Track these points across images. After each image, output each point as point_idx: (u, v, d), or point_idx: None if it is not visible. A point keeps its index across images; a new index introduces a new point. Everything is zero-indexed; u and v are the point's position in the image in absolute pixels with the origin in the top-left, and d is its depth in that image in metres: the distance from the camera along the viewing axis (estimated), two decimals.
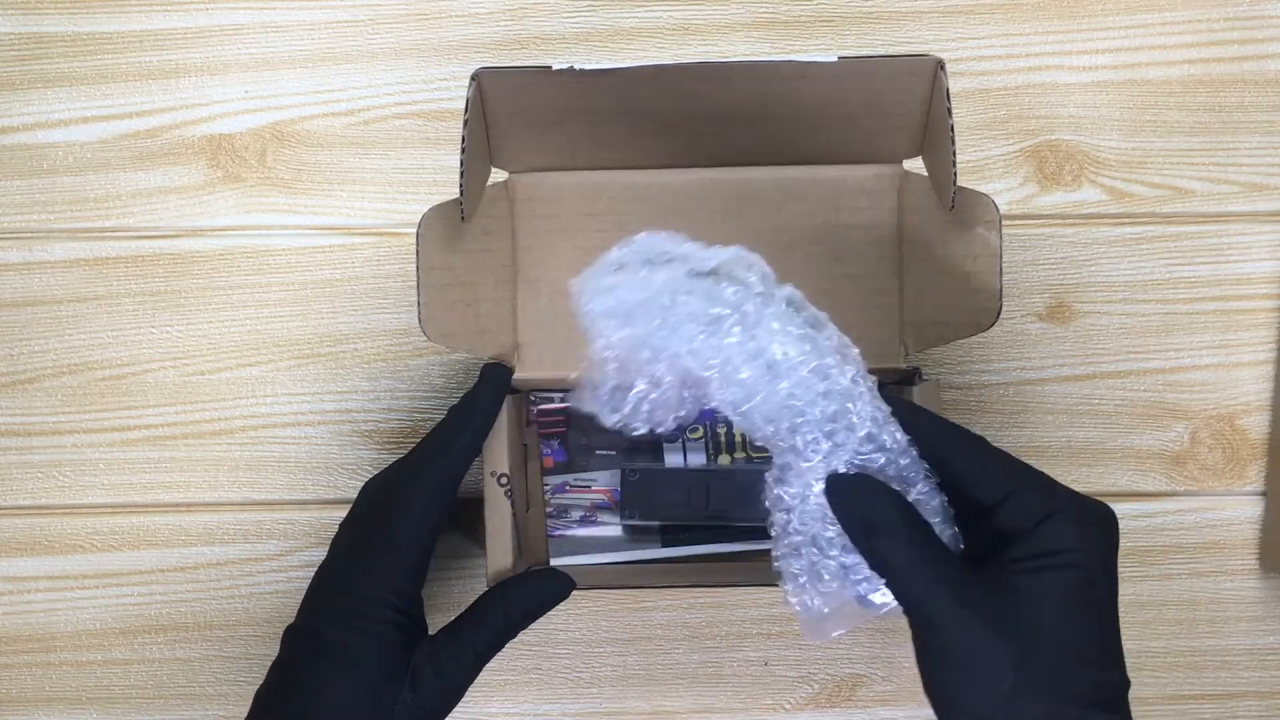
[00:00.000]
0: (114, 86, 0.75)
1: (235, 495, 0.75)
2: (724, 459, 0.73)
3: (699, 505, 0.72)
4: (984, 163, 0.75)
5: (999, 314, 0.61)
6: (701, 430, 0.73)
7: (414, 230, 0.60)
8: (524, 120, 0.64)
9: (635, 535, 0.73)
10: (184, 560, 0.76)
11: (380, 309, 0.75)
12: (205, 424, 0.75)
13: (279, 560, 0.75)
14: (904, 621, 0.75)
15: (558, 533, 0.73)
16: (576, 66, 0.61)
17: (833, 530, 0.53)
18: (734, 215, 0.69)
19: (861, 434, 0.52)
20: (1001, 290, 0.61)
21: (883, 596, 0.53)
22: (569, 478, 0.73)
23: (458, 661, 0.60)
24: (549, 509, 0.73)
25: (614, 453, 0.73)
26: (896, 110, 0.64)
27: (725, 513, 0.72)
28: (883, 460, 0.52)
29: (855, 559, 0.52)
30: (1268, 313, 0.74)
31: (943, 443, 0.53)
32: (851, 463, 0.52)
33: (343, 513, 0.63)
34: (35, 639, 0.76)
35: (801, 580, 0.54)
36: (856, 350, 0.54)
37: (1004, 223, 0.62)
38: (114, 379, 0.75)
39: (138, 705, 0.76)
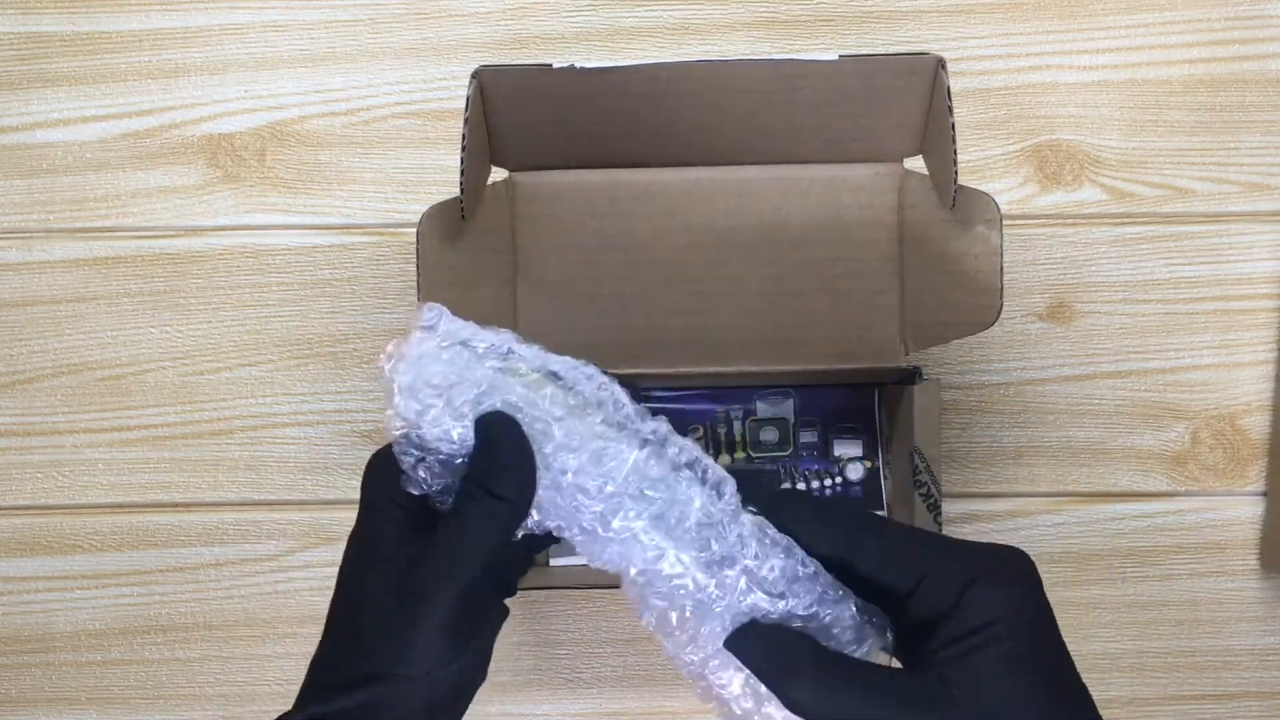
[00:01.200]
0: (114, 86, 0.75)
1: (235, 495, 0.75)
2: (724, 459, 0.73)
3: None
4: (984, 162, 0.75)
5: (999, 313, 0.61)
6: (701, 430, 0.73)
7: (414, 230, 0.60)
8: (525, 118, 0.64)
9: None
10: (183, 560, 0.75)
11: (380, 309, 0.75)
12: (205, 424, 0.75)
13: (278, 560, 0.75)
14: None
15: None
16: (577, 65, 0.61)
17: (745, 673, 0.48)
18: (734, 214, 0.69)
19: (750, 575, 0.47)
20: (1002, 290, 0.61)
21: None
22: None
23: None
24: None
25: None
26: (897, 109, 0.64)
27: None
28: (777, 602, 0.48)
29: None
30: (1268, 313, 0.74)
31: (837, 547, 0.48)
32: (743, 607, 0.47)
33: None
34: (34, 639, 0.76)
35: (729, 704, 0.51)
36: (733, 482, 0.48)
37: (1004, 222, 0.62)
38: (113, 379, 0.75)
39: (136, 705, 0.76)
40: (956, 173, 0.62)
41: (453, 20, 0.75)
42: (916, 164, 0.67)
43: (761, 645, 0.47)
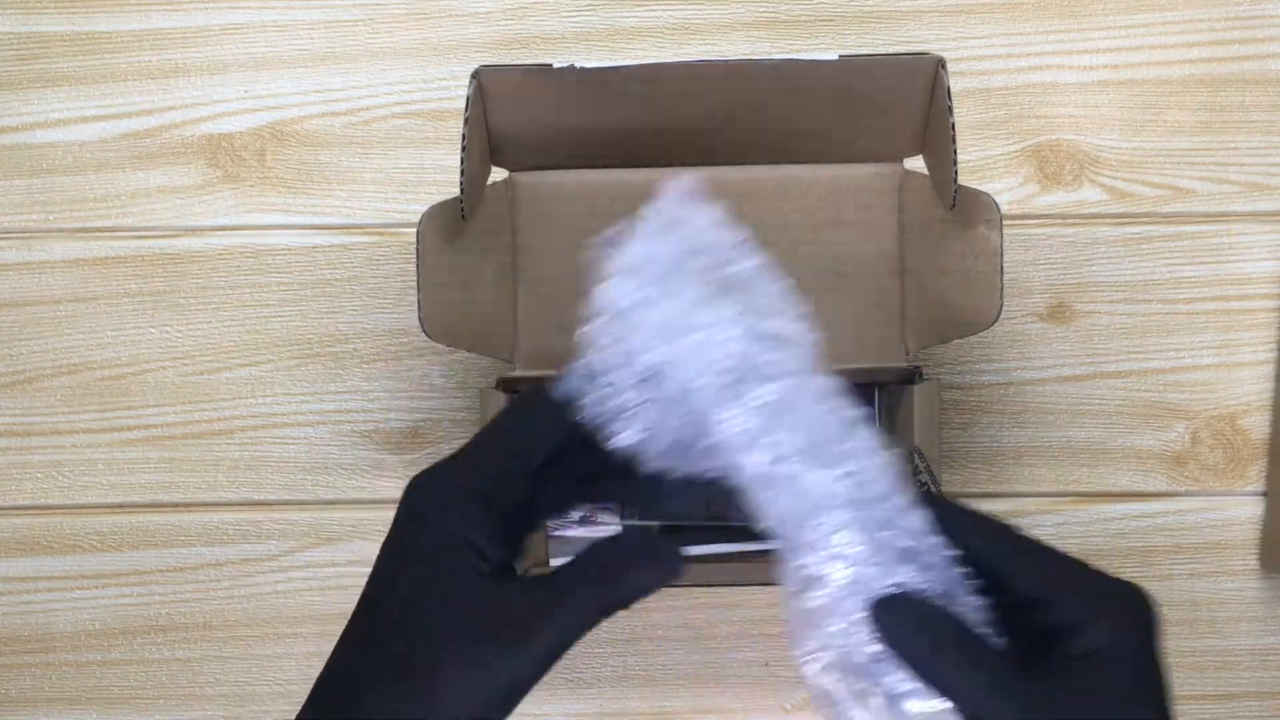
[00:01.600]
0: (113, 86, 0.75)
1: (234, 495, 0.75)
2: None
3: (699, 505, 0.72)
4: (984, 162, 0.75)
5: (999, 313, 0.61)
6: None
7: (414, 229, 0.60)
8: (525, 118, 0.64)
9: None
10: (183, 560, 0.75)
11: (380, 309, 0.75)
12: (204, 424, 0.75)
13: (278, 560, 0.75)
14: None
15: (558, 533, 0.73)
16: (577, 65, 0.61)
17: (875, 649, 0.50)
18: (734, 214, 0.69)
19: (903, 546, 0.47)
20: (1002, 290, 0.61)
21: (921, 705, 0.50)
22: None
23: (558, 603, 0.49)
24: None
25: None
26: (897, 109, 0.64)
27: (725, 513, 0.72)
28: (925, 576, 0.48)
29: (895, 677, 0.50)
30: (1268, 313, 0.74)
31: (989, 549, 0.50)
32: (892, 580, 0.47)
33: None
34: (34, 639, 0.76)
35: (840, 703, 0.51)
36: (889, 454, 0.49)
37: (1004, 222, 0.62)
38: (113, 379, 0.75)
39: (136, 705, 0.76)
40: (956, 173, 0.62)
41: (453, 20, 0.75)
42: (916, 164, 0.67)
43: (913, 618, 0.48)
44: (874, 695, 0.48)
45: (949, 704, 0.47)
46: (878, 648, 0.47)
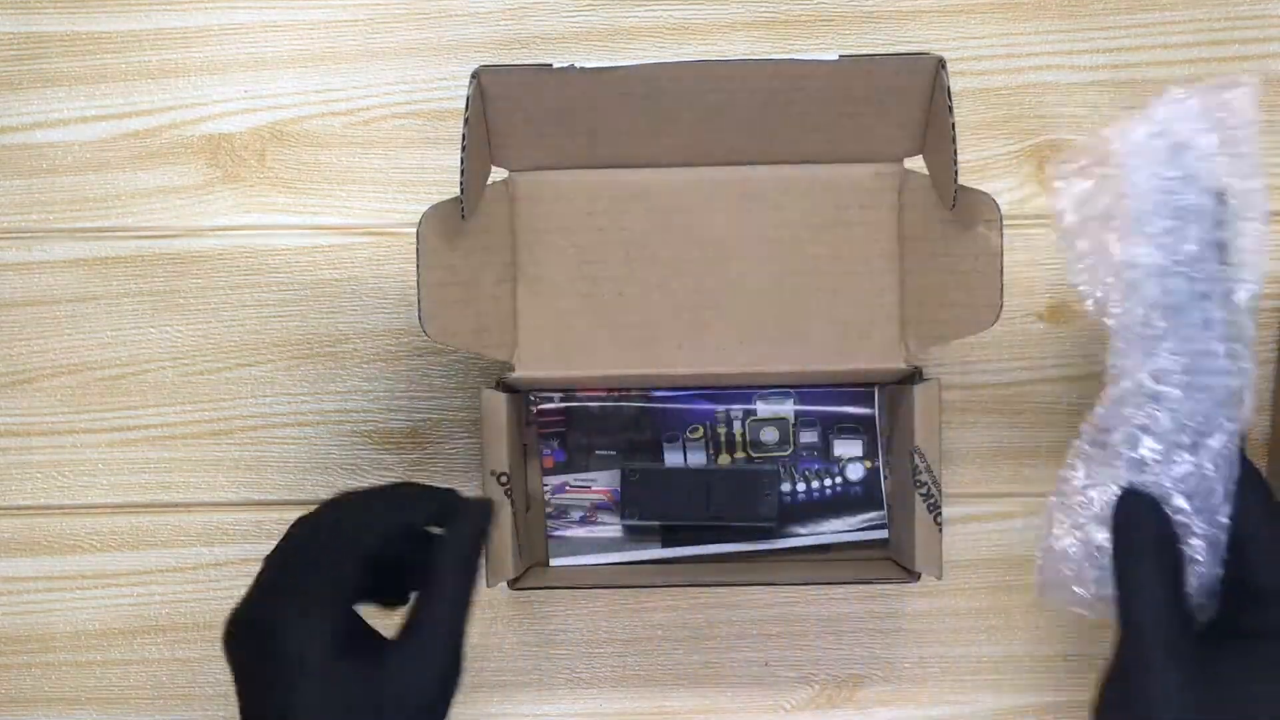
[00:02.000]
0: (113, 86, 0.75)
1: (234, 495, 0.75)
2: (724, 459, 0.73)
3: (699, 505, 0.72)
4: (984, 162, 0.75)
5: (999, 313, 0.61)
6: (701, 430, 0.73)
7: (414, 230, 0.60)
8: (525, 118, 0.64)
9: (635, 535, 0.73)
10: (183, 560, 0.75)
11: (380, 309, 0.75)
12: (204, 424, 0.75)
13: None
14: (904, 623, 0.75)
15: (558, 533, 0.73)
16: (577, 65, 0.61)
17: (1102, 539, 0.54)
18: (734, 214, 0.69)
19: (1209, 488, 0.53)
20: (1002, 290, 0.61)
21: None
22: (569, 478, 0.73)
23: (430, 646, 0.55)
24: (549, 509, 0.73)
25: (614, 453, 0.73)
26: (897, 109, 0.64)
27: (725, 513, 0.72)
28: (1201, 517, 0.53)
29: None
30: (1268, 313, 0.74)
31: (1256, 528, 0.53)
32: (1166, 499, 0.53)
33: None
34: (34, 639, 0.76)
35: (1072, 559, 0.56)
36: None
37: (1004, 222, 0.62)
38: (113, 379, 0.75)
39: (136, 706, 0.76)
40: (957, 173, 0.62)
41: (453, 20, 0.75)
42: (917, 164, 0.67)
43: (1134, 516, 0.53)
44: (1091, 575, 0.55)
45: None
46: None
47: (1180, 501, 0.53)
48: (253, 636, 0.56)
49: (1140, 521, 0.53)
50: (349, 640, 0.54)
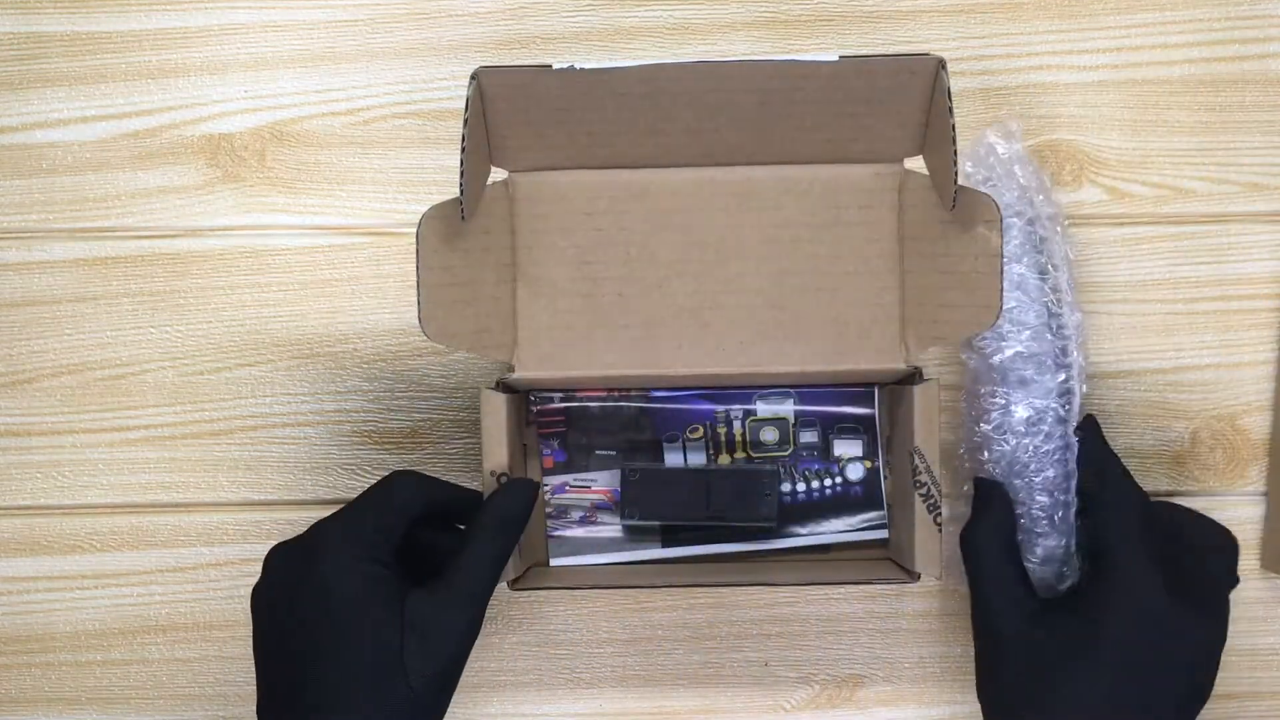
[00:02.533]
0: (114, 86, 0.75)
1: (234, 495, 0.75)
2: (724, 459, 0.73)
3: (699, 505, 0.72)
4: None
5: (999, 315, 0.61)
6: (701, 430, 0.73)
7: (414, 230, 0.60)
8: (524, 119, 0.64)
9: (635, 535, 0.73)
10: (183, 560, 0.75)
11: (380, 309, 0.75)
12: (204, 424, 0.75)
13: None
14: (904, 623, 0.75)
15: (558, 533, 0.73)
16: (577, 65, 0.61)
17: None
18: (734, 214, 0.69)
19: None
20: (1002, 290, 0.61)
21: None
22: (569, 478, 0.73)
23: (456, 598, 0.60)
24: (549, 509, 0.73)
25: (614, 453, 0.73)
26: (897, 109, 0.64)
27: (725, 513, 0.72)
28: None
29: None
30: (1268, 313, 0.74)
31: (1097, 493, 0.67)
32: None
33: None
34: (34, 639, 0.76)
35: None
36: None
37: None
38: (113, 379, 0.75)
39: (137, 706, 0.76)
40: (956, 174, 0.62)
41: (453, 20, 0.75)
42: (917, 164, 0.67)
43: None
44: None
45: None
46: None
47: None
48: (294, 555, 0.61)
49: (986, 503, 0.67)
50: (381, 581, 0.59)
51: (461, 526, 0.65)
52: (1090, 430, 0.67)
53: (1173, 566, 0.62)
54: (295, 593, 0.60)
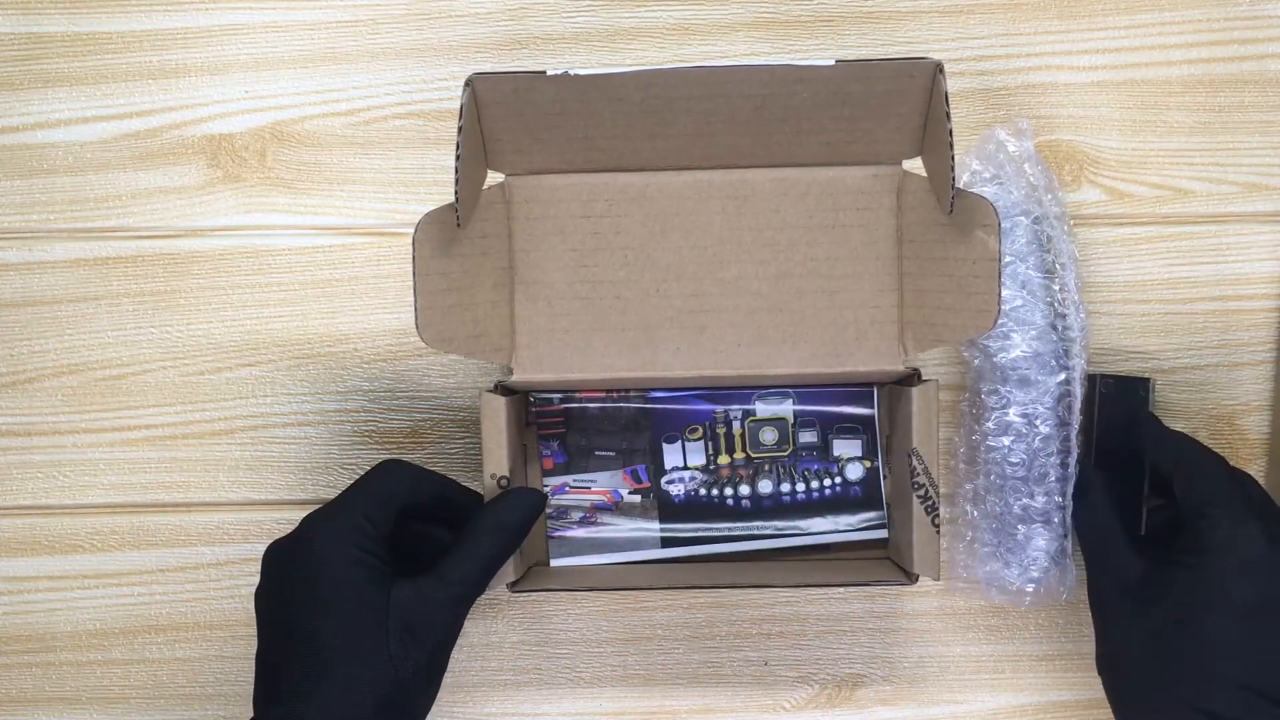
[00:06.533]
0: (114, 86, 0.75)
1: (235, 495, 0.75)
2: (723, 459, 0.73)
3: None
4: None
5: (997, 318, 0.61)
6: (701, 430, 0.73)
7: (413, 230, 0.60)
8: (520, 124, 0.64)
9: (634, 533, 0.73)
10: (184, 560, 0.76)
11: (380, 309, 0.75)
12: (205, 424, 0.75)
13: None
14: (904, 623, 0.75)
15: (558, 533, 0.73)
16: (571, 71, 0.61)
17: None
18: (732, 217, 0.69)
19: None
20: (1000, 295, 0.61)
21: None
22: (569, 479, 0.73)
23: (441, 594, 0.61)
24: (549, 510, 0.73)
25: (614, 453, 0.73)
26: (895, 113, 0.64)
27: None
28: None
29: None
30: (1268, 313, 0.74)
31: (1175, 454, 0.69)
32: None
33: None
34: (35, 639, 0.76)
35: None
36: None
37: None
38: (114, 379, 0.75)
39: (137, 705, 0.76)
40: (954, 179, 0.61)
41: (453, 21, 0.75)
42: (916, 165, 0.67)
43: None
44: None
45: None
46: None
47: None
48: (285, 548, 0.62)
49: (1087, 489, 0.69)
50: (368, 568, 0.61)
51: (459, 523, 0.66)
52: (1150, 421, 0.70)
53: (1269, 520, 0.63)
54: (286, 582, 0.61)
